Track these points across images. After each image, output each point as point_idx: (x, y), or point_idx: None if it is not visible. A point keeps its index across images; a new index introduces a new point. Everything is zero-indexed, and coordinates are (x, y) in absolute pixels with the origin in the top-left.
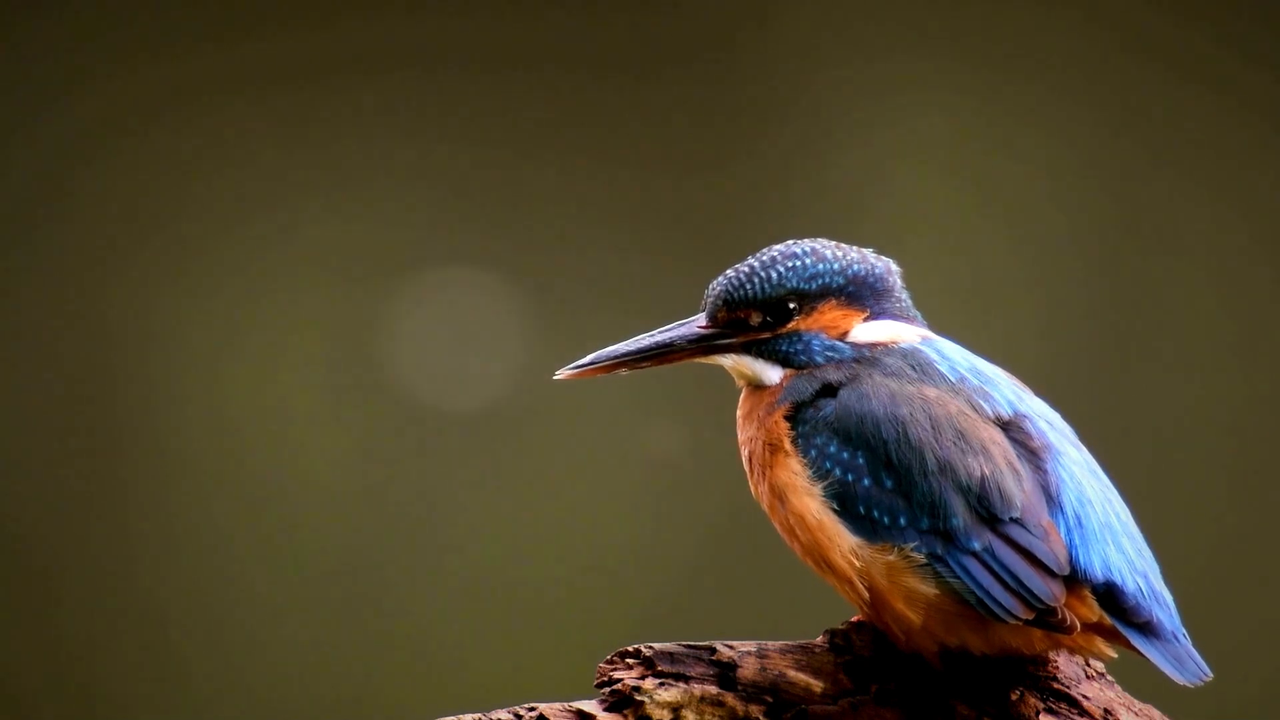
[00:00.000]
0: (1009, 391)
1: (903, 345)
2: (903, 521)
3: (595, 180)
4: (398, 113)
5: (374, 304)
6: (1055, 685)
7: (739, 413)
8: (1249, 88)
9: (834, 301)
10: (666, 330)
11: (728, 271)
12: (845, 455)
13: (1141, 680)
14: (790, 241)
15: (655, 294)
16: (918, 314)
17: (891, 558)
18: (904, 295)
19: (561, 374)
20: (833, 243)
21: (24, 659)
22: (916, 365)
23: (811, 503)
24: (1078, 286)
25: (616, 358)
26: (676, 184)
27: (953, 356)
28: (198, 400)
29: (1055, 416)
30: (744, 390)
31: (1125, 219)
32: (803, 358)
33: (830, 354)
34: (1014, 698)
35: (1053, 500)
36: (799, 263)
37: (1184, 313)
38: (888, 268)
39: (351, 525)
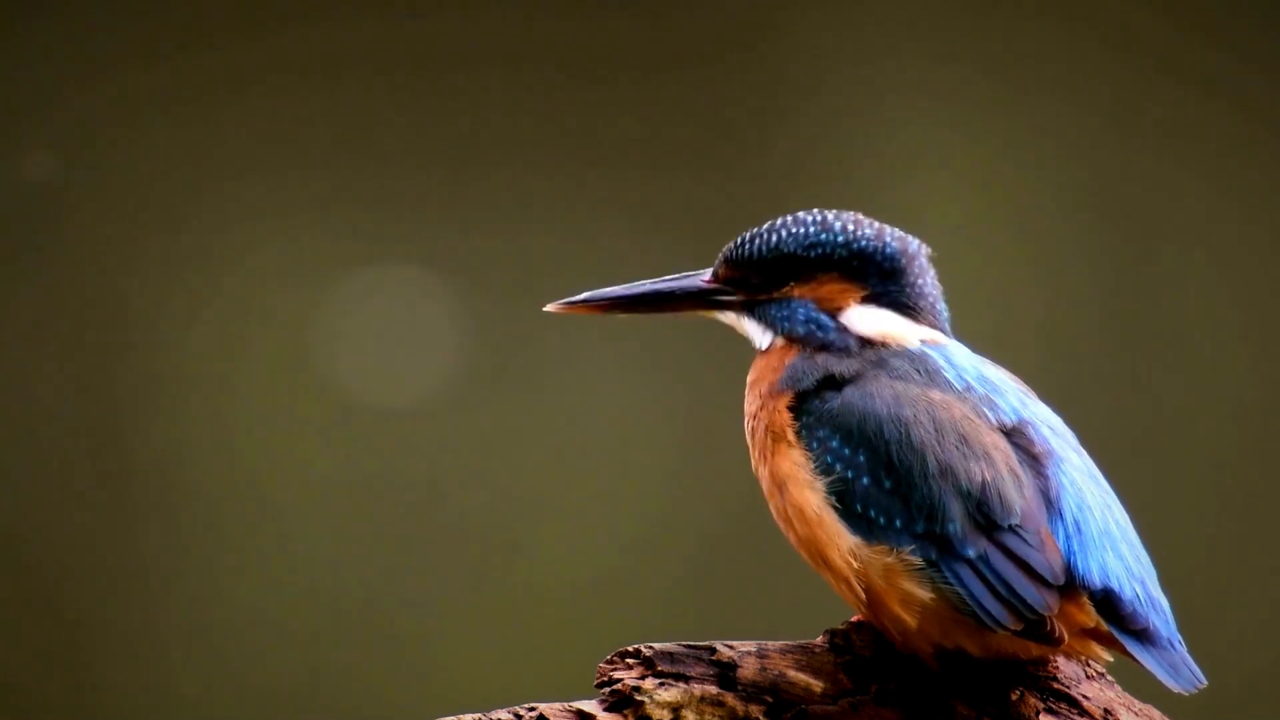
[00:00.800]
0: (1014, 399)
1: (910, 348)
2: (899, 524)
3: (597, 183)
4: (403, 117)
5: (375, 306)
6: (1055, 685)
7: (749, 378)
8: (1249, 90)
9: (835, 274)
10: (669, 280)
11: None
12: (847, 451)
13: (1141, 680)
14: (814, 209)
15: None
16: (939, 304)
17: (889, 559)
18: (921, 282)
19: (551, 307)
20: (853, 215)
21: (27, 665)
22: (923, 370)
23: (813, 496)
24: (1083, 287)
25: (611, 299)
26: (682, 187)
27: (960, 363)
28: (197, 400)
29: (1058, 421)
30: (757, 354)
31: (1130, 221)
32: (785, 324)
33: (812, 327)
34: (1014, 698)
35: (1052, 506)
36: (803, 229)
37: (1188, 314)
38: (904, 249)
39: (350, 527)
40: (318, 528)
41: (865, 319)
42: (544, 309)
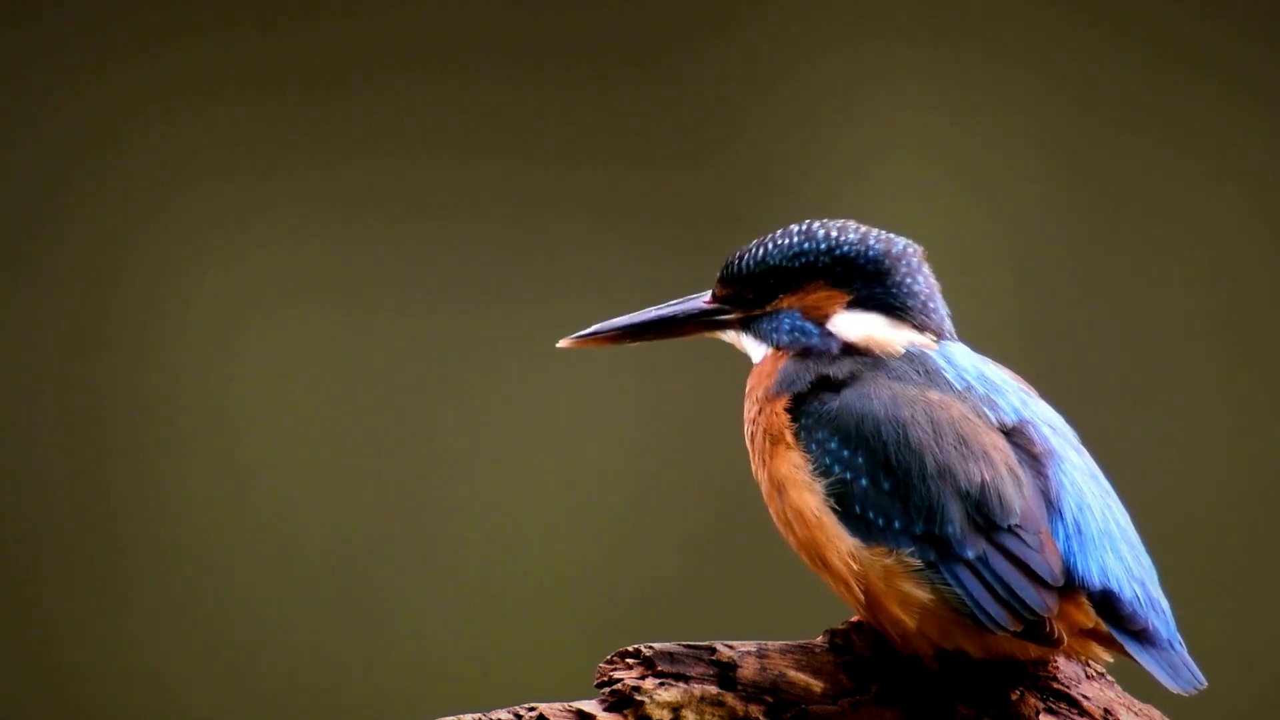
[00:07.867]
0: (1015, 398)
1: (912, 350)
2: (898, 525)
3: (593, 176)
4: (403, 121)
5: (373, 313)
6: (1055, 685)
7: (746, 386)
8: (1223, 56)
9: (821, 282)
10: (672, 305)
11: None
12: (846, 453)
13: (1141, 681)
14: (807, 220)
15: (649, 291)
16: (933, 302)
17: (888, 561)
18: (909, 281)
19: (563, 343)
20: (839, 221)
21: (17, 668)
22: (922, 371)
23: (811, 498)
24: (1064, 269)
25: (619, 329)
26: (660, 176)
27: (961, 364)
28: (195, 399)
29: (1058, 420)
30: (754, 364)
31: (1105, 192)
32: (774, 336)
33: (797, 334)
34: (1014, 698)
35: (1052, 506)
36: (788, 240)
37: (1171, 292)
38: (888, 250)
39: (349, 526)
40: (316, 527)
41: (850, 324)
42: (556, 345)
